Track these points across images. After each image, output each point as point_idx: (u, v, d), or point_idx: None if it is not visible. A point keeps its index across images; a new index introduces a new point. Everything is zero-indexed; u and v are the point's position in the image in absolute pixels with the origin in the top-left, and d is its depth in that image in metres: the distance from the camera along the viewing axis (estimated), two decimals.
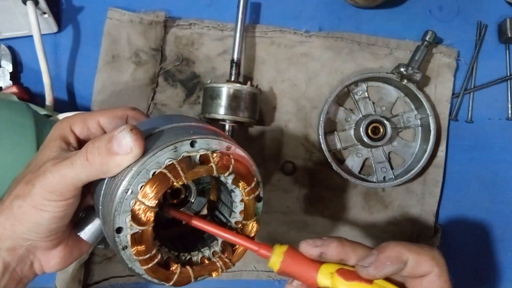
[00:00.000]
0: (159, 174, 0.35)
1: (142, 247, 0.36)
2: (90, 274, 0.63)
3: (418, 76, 0.60)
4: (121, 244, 0.36)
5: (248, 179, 0.39)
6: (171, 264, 0.39)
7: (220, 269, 0.41)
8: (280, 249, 0.39)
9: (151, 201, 0.35)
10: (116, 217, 0.35)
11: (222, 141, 0.37)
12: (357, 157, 0.64)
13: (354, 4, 0.64)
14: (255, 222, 0.41)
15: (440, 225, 0.65)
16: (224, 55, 0.63)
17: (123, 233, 0.36)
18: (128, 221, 0.35)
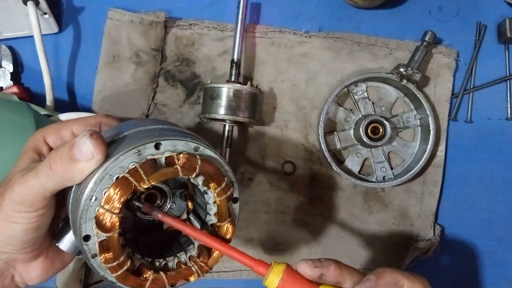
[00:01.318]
0: (121, 179, 0.34)
1: (109, 254, 0.36)
2: (91, 273, 0.63)
3: (417, 76, 0.60)
4: (90, 252, 0.36)
5: (218, 180, 0.38)
6: (144, 271, 0.38)
7: (196, 274, 0.40)
8: (278, 267, 0.38)
9: (114, 206, 0.34)
10: (82, 225, 0.35)
11: (190, 142, 0.37)
12: (357, 157, 0.65)
13: (354, 5, 0.64)
14: (230, 224, 0.40)
15: (439, 225, 0.65)
16: (224, 56, 0.64)
17: (91, 241, 0.35)
18: (94, 229, 0.35)
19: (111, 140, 0.37)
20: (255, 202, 0.64)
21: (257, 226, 0.64)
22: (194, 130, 0.64)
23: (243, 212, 0.64)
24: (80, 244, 0.36)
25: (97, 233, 0.35)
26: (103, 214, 0.34)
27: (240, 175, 0.64)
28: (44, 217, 0.39)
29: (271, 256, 0.64)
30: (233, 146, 0.62)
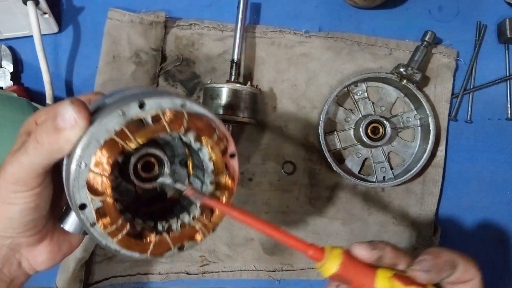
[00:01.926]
0: (108, 141, 0.34)
1: (107, 219, 0.35)
2: (91, 273, 0.63)
3: (417, 76, 0.60)
4: (89, 221, 0.35)
5: (209, 132, 0.37)
6: (147, 234, 0.37)
7: (201, 232, 0.39)
8: (335, 251, 0.37)
9: (104, 168, 0.34)
10: (75, 194, 0.34)
11: (175, 98, 0.36)
12: (357, 157, 0.65)
13: (354, 5, 0.64)
14: (229, 177, 0.39)
15: (439, 225, 0.65)
16: (224, 56, 0.64)
17: (87, 209, 0.35)
18: (88, 195, 0.34)
19: (95, 108, 0.37)
20: (255, 202, 0.64)
21: None
22: None
23: None
24: (77, 214, 0.35)
25: (91, 199, 0.34)
26: (93, 178, 0.34)
27: (240, 175, 0.64)
28: (41, 196, 0.38)
29: (271, 256, 0.64)
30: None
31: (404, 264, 0.37)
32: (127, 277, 0.64)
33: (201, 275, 0.64)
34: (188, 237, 0.39)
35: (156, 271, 0.64)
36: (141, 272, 0.64)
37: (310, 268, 0.65)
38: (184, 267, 0.64)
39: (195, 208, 0.40)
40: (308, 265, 0.65)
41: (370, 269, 0.37)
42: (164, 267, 0.64)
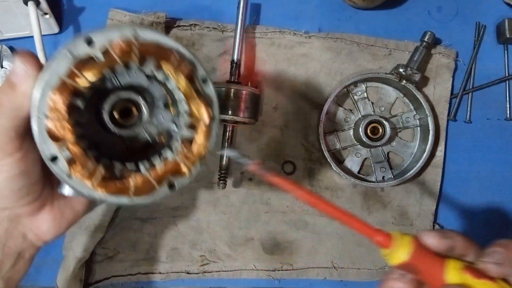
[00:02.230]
0: (59, 84, 0.33)
1: (78, 165, 0.34)
2: (91, 273, 0.63)
3: (417, 77, 0.61)
4: (64, 174, 0.34)
5: (166, 55, 0.35)
6: (127, 176, 0.36)
7: (185, 165, 0.37)
8: (405, 238, 0.34)
9: (60, 113, 0.33)
10: (43, 147, 0.34)
11: (125, 28, 0.34)
12: (356, 157, 0.65)
13: (353, 5, 0.64)
14: (203, 103, 0.36)
15: (439, 225, 0.65)
16: (225, 56, 0.64)
17: (59, 161, 0.34)
18: (54, 146, 0.34)
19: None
20: (255, 202, 0.64)
21: (257, 225, 0.65)
22: None
23: (243, 212, 0.64)
24: (52, 168, 0.34)
25: (59, 149, 0.34)
26: (53, 125, 0.33)
27: (240, 175, 0.65)
28: (25, 162, 0.37)
29: (271, 256, 0.65)
30: (233, 146, 0.62)
31: (474, 255, 0.35)
32: (127, 277, 0.64)
33: (201, 274, 0.65)
34: (172, 172, 0.37)
35: (156, 270, 0.64)
36: (141, 272, 0.64)
37: (310, 268, 0.65)
38: (185, 267, 0.65)
39: (176, 140, 0.38)
40: (307, 265, 0.65)
41: (440, 259, 0.34)
42: (165, 267, 0.64)
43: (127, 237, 0.64)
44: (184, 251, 0.64)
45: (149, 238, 0.64)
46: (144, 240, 0.64)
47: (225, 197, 0.64)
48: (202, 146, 0.37)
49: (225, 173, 0.60)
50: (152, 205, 0.64)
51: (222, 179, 0.60)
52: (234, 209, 0.65)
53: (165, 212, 0.64)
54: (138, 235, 0.64)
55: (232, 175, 0.64)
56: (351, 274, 0.65)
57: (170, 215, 0.64)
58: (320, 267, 0.65)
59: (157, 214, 0.64)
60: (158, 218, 0.64)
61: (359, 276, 0.65)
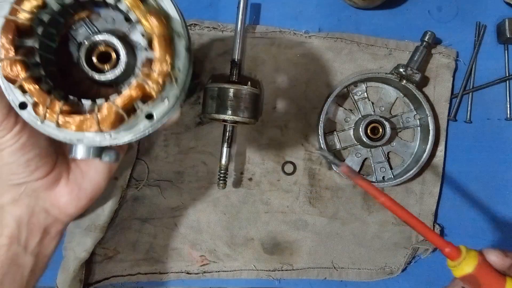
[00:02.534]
0: (3, 24, 0.33)
1: (38, 104, 0.34)
2: (91, 273, 0.63)
3: (417, 77, 0.60)
4: (38, 119, 0.34)
5: None
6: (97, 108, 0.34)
7: (147, 85, 0.34)
8: (472, 252, 0.38)
9: (9, 52, 0.33)
10: (10, 96, 0.34)
11: None
12: (357, 157, 0.65)
13: (353, 5, 0.64)
14: (151, 13, 0.34)
15: (439, 225, 0.65)
16: (225, 56, 0.64)
17: (28, 107, 0.34)
18: (14, 89, 0.34)
19: None
20: (255, 202, 0.64)
21: (257, 225, 0.65)
22: (195, 130, 0.64)
23: (243, 212, 0.64)
24: (23, 117, 0.35)
25: (19, 89, 0.34)
26: (6, 69, 0.33)
27: (240, 175, 0.64)
28: (23, 134, 0.39)
29: (271, 256, 0.65)
30: (233, 146, 0.62)
31: None
32: (127, 277, 0.64)
33: (201, 274, 0.65)
34: (139, 95, 0.34)
35: (156, 270, 0.64)
36: (141, 272, 0.64)
37: (310, 268, 0.65)
38: (184, 267, 0.64)
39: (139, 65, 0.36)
40: (307, 265, 0.65)
41: (501, 276, 0.38)
42: (165, 267, 0.64)
43: (127, 237, 0.64)
44: (184, 251, 0.64)
45: (149, 238, 0.64)
46: (144, 240, 0.64)
47: (225, 197, 0.64)
48: (163, 62, 0.34)
49: (225, 173, 0.60)
50: (152, 206, 0.64)
51: (222, 179, 0.60)
52: (234, 209, 0.65)
53: (165, 212, 0.64)
54: (138, 235, 0.64)
55: (232, 175, 0.64)
56: (351, 274, 0.65)
57: (170, 215, 0.64)
58: (320, 267, 0.65)
59: (156, 214, 0.64)
60: (157, 218, 0.64)
61: (359, 276, 0.65)
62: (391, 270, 0.65)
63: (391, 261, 0.65)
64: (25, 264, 0.43)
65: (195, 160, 0.64)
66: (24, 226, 0.42)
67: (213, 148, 0.64)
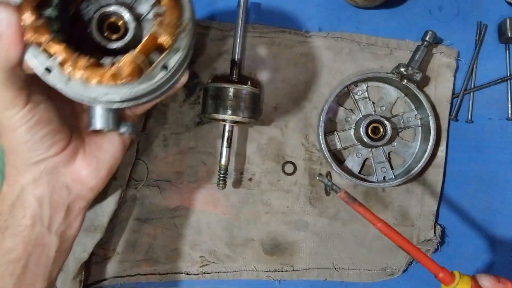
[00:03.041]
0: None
1: (67, 62, 0.36)
2: (90, 274, 0.63)
3: (418, 76, 0.60)
4: (64, 80, 0.36)
5: None
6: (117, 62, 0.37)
7: (160, 35, 0.37)
8: (465, 278, 0.40)
9: (32, 19, 0.35)
10: (34, 64, 0.36)
11: None
12: (357, 157, 0.64)
13: (354, 4, 0.64)
14: None
15: (440, 225, 0.65)
16: (224, 55, 0.64)
17: (53, 70, 0.36)
18: (41, 52, 0.36)
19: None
20: (255, 202, 0.64)
21: (257, 226, 0.64)
22: (194, 130, 0.64)
23: (243, 213, 0.64)
24: (49, 82, 0.37)
25: (46, 56, 0.36)
26: (30, 34, 0.35)
27: (240, 175, 0.64)
28: (37, 111, 0.39)
29: (271, 257, 0.64)
30: (233, 146, 0.62)
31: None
32: (126, 278, 0.64)
33: (201, 275, 0.64)
34: (154, 46, 0.37)
35: (156, 271, 0.64)
36: (140, 273, 0.64)
37: (311, 269, 0.65)
38: (184, 268, 0.64)
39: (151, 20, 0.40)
40: (308, 266, 0.65)
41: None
42: (164, 268, 0.64)
43: (126, 238, 0.64)
44: (184, 252, 0.64)
45: (149, 239, 0.64)
46: (144, 241, 0.64)
47: (225, 198, 0.64)
48: (173, 13, 0.37)
49: (225, 173, 0.60)
50: (151, 206, 0.64)
51: (222, 179, 0.60)
52: (234, 209, 0.64)
53: (164, 212, 0.64)
54: (137, 235, 0.64)
55: (232, 175, 0.64)
56: (352, 275, 0.65)
57: (169, 215, 0.64)
58: (321, 268, 0.65)
59: (156, 215, 0.64)
60: (157, 218, 0.64)
61: (360, 277, 0.65)
62: (392, 271, 0.65)
63: (392, 262, 0.65)
64: (50, 244, 0.43)
65: (194, 160, 0.64)
66: (46, 205, 0.43)
67: (213, 148, 0.64)
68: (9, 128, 0.39)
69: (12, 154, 0.41)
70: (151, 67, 0.37)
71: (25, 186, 0.42)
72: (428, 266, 0.41)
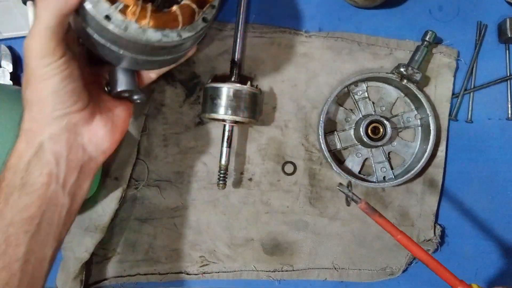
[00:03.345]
0: None
1: (129, 8, 0.39)
2: (91, 274, 0.63)
3: (418, 76, 0.60)
4: (121, 26, 0.39)
5: None
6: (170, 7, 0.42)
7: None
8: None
9: None
10: (97, 11, 0.39)
11: None
12: (357, 157, 0.65)
13: (354, 4, 0.64)
14: None
15: (440, 225, 0.65)
16: (224, 55, 0.64)
17: (112, 17, 0.39)
18: (105, 2, 0.38)
19: None
20: (255, 202, 0.64)
21: (257, 226, 0.64)
22: (194, 130, 0.64)
23: (243, 213, 0.64)
24: (110, 27, 0.39)
25: (106, 4, 0.39)
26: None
27: (240, 175, 0.64)
28: (71, 64, 0.41)
29: (271, 256, 0.64)
30: (233, 146, 0.62)
31: None
32: (126, 278, 0.64)
33: (201, 275, 0.64)
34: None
35: (156, 271, 0.64)
36: (140, 273, 0.64)
37: (310, 269, 0.65)
38: (184, 268, 0.64)
39: None
40: (308, 266, 0.65)
41: None
42: (164, 267, 0.64)
43: (126, 238, 0.64)
44: (184, 251, 0.64)
45: (149, 239, 0.64)
46: (144, 241, 0.64)
47: (225, 197, 0.64)
48: None
49: (225, 173, 0.60)
50: (151, 206, 0.64)
51: (222, 179, 0.60)
52: (234, 209, 0.64)
53: (164, 212, 0.64)
54: (138, 235, 0.64)
55: (232, 175, 0.64)
56: (352, 275, 0.65)
57: (169, 215, 0.64)
58: (321, 268, 0.65)
59: (156, 215, 0.64)
60: (157, 218, 0.64)
61: (360, 277, 0.65)
62: (392, 271, 0.65)
63: (392, 262, 0.65)
64: (63, 204, 0.43)
65: (194, 160, 0.64)
66: (63, 163, 0.43)
67: (213, 148, 0.64)
68: (42, 77, 0.40)
69: (37, 106, 0.41)
70: (198, 15, 0.43)
71: (44, 142, 0.42)
72: (447, 278, 0.42)
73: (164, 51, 0.44)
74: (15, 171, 0.41)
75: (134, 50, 0.43)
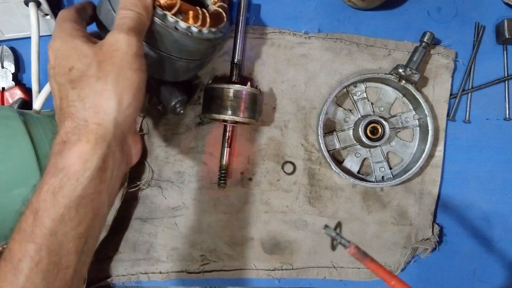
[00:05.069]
0: None
1: (190, 15, 0.47)
2: (92, 273, 0.64)
3: (416, 77, 0.61)
4: (173, 25, 0.46)
5: None
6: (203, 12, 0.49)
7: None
8: None
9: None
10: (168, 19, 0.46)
11: None
12: (356, 157, 0.65)
13: (353, 6, 0.64)
14: None
15: (438, 224, 0.66)
16: (225, 56, 0.64)
17: (179, 27, 0.47)
18: (169, 16, 0.46)
19: None
20: (255, 202, 0.65)
21: (257, 225, 0.65)
22: (195, 130, 0.64)
23: (243, 212, 0.65)
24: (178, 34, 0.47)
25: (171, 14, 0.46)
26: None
27: (240, 175, 0.65)
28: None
29: (271, 255, 0.65)
30: (233, 146, 0.63)
31: None
32: (127, 276, 0.64)
33: (202, 274, 0.65)
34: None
35: (157, 270, 0.65)
36: (141, 272, 0.64)
37: (310, 267, 0.65)
38: (185, 266, 0.65)
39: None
40: (307, 264, 0.65)
41: None
42: (165, 266, 0.65)
43: (128, 237, 0.64)
44: (185, 250, 0.65)
45: (150, 238, 0.64)
46: (145, 240, 0.64)
47: (225, 197, 0.65)
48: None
49: (225, 173, 0.61)
50: (152, 206, 0.64)
51: (222, 179, 0.60)
52: (234, 209, 0.65)
53: (165, 212, 0.64)
54: (139, 235, 0.64)
55: (232, 175, 0.64)
56: (351, 274, 0.65)
57: (170, 215, 0.64)
58: (320, 266, 0.65)
59: (157, 214, 0.64)
60: (158, 218, 0.64)
61: (359, 276, 0.65)
62: (390, 269, 0.65)
63: (390, 260, 0.65)
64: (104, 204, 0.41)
65: (195, 160, 0.64)
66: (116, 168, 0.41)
67: (213, 148, 0.64)
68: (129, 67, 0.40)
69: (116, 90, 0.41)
70: (226, 17, 0.52)
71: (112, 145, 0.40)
72: None
73: (210, 50, 0.53)
74: None
75: (192, 54, 0.50)
